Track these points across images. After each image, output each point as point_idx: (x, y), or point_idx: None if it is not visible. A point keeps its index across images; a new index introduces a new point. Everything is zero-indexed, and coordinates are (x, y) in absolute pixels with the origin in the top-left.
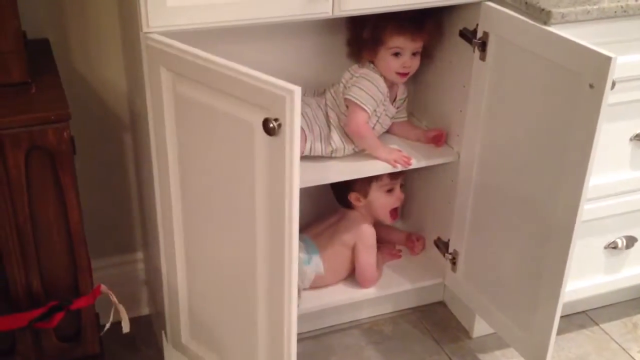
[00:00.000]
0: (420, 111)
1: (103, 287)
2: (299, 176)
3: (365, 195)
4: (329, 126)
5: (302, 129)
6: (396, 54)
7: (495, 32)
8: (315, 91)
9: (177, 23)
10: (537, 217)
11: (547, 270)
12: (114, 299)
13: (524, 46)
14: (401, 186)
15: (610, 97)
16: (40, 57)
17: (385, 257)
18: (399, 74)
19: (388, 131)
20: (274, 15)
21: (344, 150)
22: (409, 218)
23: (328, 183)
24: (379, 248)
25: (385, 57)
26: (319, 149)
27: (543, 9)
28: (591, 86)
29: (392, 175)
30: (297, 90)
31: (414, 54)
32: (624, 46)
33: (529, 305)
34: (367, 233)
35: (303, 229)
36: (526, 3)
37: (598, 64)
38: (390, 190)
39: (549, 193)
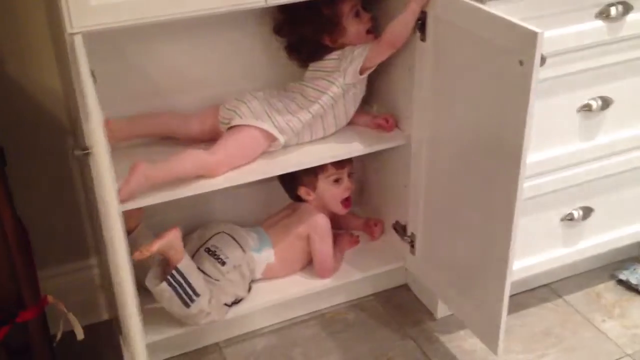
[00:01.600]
0: (371, 95)
1: (50, 298)
2: None
3: (313, 188)
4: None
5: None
6: (356, 15)
7: (432, 11)
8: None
9: (102, 22)
10: (483, 197)
11: (494, 248)
12: (63, 308)
13: (460, 25)
14: (350, 175)
15: (553, 70)
16: None
17: (344, 245)
18: (367, 32)
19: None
20: (202, 8)
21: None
22: (367, 203)
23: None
24: (336, 236)
25: (351, 24)
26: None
27: None
28: (521, 63)
29: (338, 165)
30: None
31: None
32: (562, 18)
33: (481, 284)
34: (320, 223)
35: (257, 222)
36: None
37: (525, 39)
38: (337, 180)
39: (491, 173)
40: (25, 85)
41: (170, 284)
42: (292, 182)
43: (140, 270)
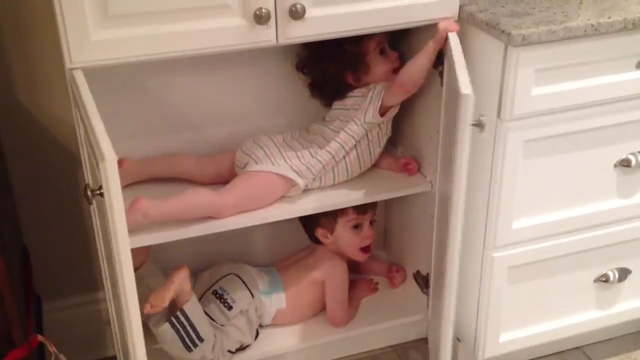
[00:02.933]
0: (397, 136)
1: (40, 337)
2: None
3: (331, 231)
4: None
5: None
6: (382, 52)
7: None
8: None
9: (102, 58)
10: None
11: None
12: (53, 348)
13: None
14: (372, 222)
15: (588, 122)
16: None
17: (361, 291)
18: (393, 71)
19: None
20: (209, 46)
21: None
22: (390, 248)
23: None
24: (354, 281)
25: (377, 62)
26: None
27: (503, 31)
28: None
29: (359, 210)
30: None
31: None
32: (598, 67)
33: None
34: (337, 269)
35: (272, 262)
36: (487, 24)
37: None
38: (357, 227)
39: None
40: (38, 117)
41: (173, 326)
42: (310, 222)
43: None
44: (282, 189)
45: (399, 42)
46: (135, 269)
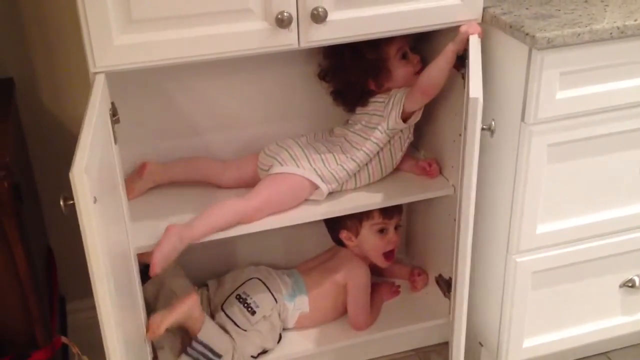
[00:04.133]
0: (419, 139)
1: (63, 339)
2: None
3: (356, 234)
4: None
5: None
6: (403, 57)
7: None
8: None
9: (126, 62)
10: None
11: None
12: (76, 349)
13: None
14: (397, 227)
15: (614, 126)
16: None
17: (383, 295)
18: (415, 74)
19: None
20: (231, 50)
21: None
22: (412, 251)
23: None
24: (376, 285)
25: (398, 67)
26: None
27: (527, 34)
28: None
29: (385, 215)
30: None
31: (413, 52)
32: (624, 70)
33: None
34: (360, 272)
35: (294, 264)
36: (510, 27)
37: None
38: (382, 231)
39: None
40: (63, 121)
41: (192, 356)
42: (335, 224)
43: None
44: (306, 191)
45: (421, 45)
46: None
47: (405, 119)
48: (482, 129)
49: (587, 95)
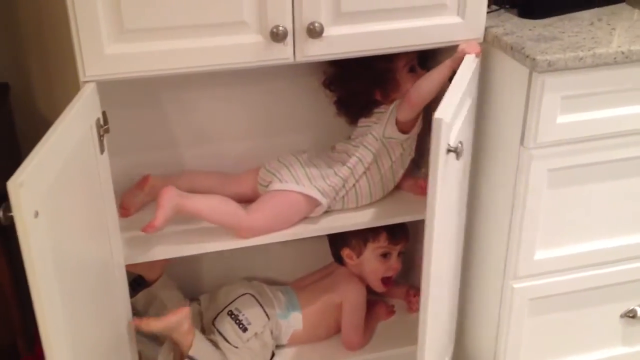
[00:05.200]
0: (421, 157)
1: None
2: None
3: (358, 254)
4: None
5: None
6: (411, 70)
7: None
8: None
9: (116, 71)
10: None
11: None
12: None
13: None
14: (400, 254)
15: (617, 152)
16: None
17: (379, 315)
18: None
19: None
20: (224, 63)
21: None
22: (410, 270)
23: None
24: (372, 304)
25: (406, 80)
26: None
27: (528, 56)
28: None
29: (392, 239)
30: None
31: (421, 67)
32: (628, 96)
33: None
34: (356, 292)
35: (289, 280)
36: (511, 48)
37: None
38: (385, 255)
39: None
40: None
41: None
42: (339, 240)
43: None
44: (306, 208)
45: (427, 61)
46: (152, 283)
47: (403, 130)
48: (449, 150)
49: (589, 120)
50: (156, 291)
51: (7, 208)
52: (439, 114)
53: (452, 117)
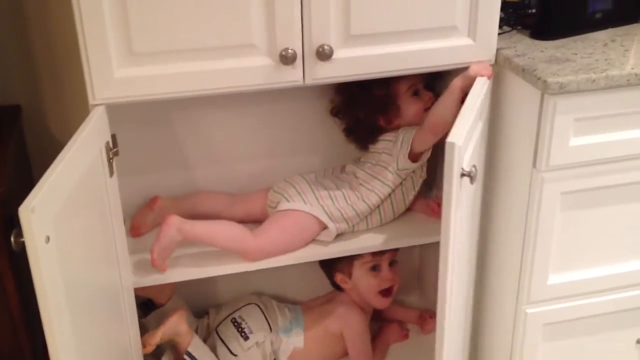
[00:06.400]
0: (432, 178)
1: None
2: None
3: (349, 275)
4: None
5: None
6: (415, 94)
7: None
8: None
9: (126, 95)
10: None
11: None
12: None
13: None
14: (392, 264)
15: (631, 175)
16: (3, 126)
17: (391, 337)
18: (425, 111)
19: None
20: (234, 85)
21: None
22: (425, 292)
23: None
24: (384, 327)
25: (408, 105)
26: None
27: (539, 78)
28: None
29: (376, 251)
30: None
31: (427, 90)
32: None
33: None
34: (353, 319)
35: (300, 301)
36: (523, 70)
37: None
38: (375, 268)
39: None
40: None
41: None
42: (329, 268)
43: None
44: (313, 230)
45: (435, 81)
46: (162, 304)
47: (413, 159)
48: (462, 174)
49: (602, 142)
50: (166, 314)
51: (18, 234)
52: (452, 138)
53: (465, 140)
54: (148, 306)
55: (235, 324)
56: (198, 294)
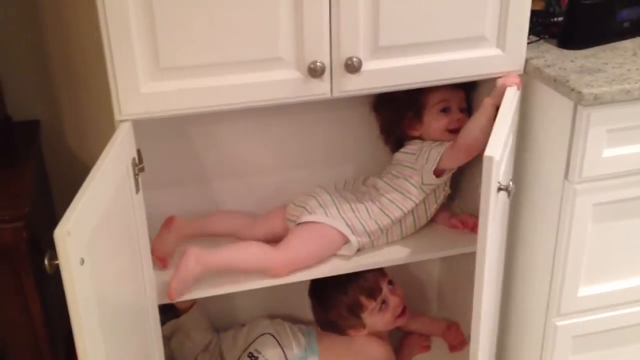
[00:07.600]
0: (454, 189)
1: None
2: None
3: (363, 326)
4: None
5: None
6: (444, 110)
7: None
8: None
9: (152, 110)
10: None
11: None
12: None
13: None
14: (391, 284)
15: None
16: (23, 142)
17: (412, 349)
18: (449, 130)
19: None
20: (261, 99)
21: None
22: (445, 307)
23: None
24: (407, 338)
25: (433, 117)
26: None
27: (573, 89)
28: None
29: (369, 295)
30: None
31: (461, 111)
32: None
33: None
34: (366, 350)
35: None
36: (555, 81)
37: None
38: (383, 304)
39: None
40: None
41: None
42: (339, 330)
43: None
44: (336, 244)
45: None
46: (184, 311)
47: (438, 174)
48: (499, 189)
49: (635, 153)
50: (182, 324)
51: (52, 256)
52: (489, 152)
53: (501, 154)
54: (169, 308)
55: (252, 358)
56: (217, 304)
